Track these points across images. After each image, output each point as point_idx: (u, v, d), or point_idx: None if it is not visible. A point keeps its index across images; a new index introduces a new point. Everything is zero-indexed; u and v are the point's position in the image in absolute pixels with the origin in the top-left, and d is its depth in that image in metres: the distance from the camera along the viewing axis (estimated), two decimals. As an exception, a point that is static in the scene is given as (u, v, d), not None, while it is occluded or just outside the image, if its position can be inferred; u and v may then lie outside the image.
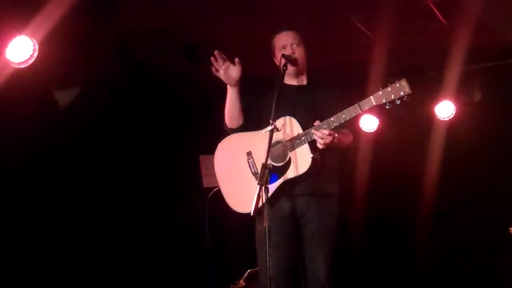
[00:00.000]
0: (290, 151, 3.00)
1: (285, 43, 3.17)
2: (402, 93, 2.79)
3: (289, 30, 3.22)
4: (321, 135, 2.88)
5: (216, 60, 3.05)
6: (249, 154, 3.18)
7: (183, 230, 5.09)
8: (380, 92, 2.82)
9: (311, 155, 2.95)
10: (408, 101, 2.81)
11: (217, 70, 3.06)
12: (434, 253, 5.26)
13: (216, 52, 3.05)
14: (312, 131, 2.92)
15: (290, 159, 3.00)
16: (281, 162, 3.02)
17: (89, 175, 4.60)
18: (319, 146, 2.92)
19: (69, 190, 4.45)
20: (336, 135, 2.93)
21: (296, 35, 3.20)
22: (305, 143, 2.96)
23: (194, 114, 5.31)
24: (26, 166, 4.12)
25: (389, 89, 2.81)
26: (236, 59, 3.07)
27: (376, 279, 5.46)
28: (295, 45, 3.16)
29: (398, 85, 2.79)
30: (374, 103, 2.84)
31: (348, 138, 3.12)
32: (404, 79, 2.80)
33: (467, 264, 5.10)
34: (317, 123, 2.92)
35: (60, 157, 4.37)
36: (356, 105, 2.87)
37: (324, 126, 2.90)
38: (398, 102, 2.81)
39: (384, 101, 2.82)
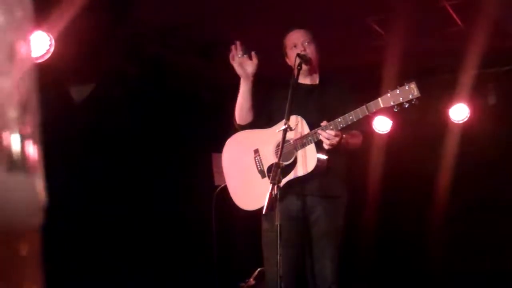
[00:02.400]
0: (297, 150, 2.99)
1: (296, 41, 3.16)
2: (411, 96, 2.74)
3: (300, 28, 3.20)
4: (328, 135, 2.85)
5: (236, 49, 3.06)
6: (256, 151, 3.18)
7: (195, 227, 5.10)
8: (389, 95, 2.78)
9: (317, 155, 2.94)
10: (417, 104, 2.76)
11: (233, 58, 3.07)
12: (446, 255, 5.22)
13: (238, 42, 3.07)
14: (319, 131, 2.89)
15: (296, 158, 3.00)
16: (288, 161, 3.00)
17: (102, 172, 4.62)
18: (326, 146, 2.89)
19: (81, 186, 4.47)
20: (343, 136, 2.91)
21: (306, 33, 3.18)
22: (311, 143, 2.94)
23: (207, 112, 5.32)
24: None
25: (397, 92, 2.76)
26: (253, 53, 3.08)
27: (385, 280, 5.44)
28: (307, 43, 3.14)
29: (407, 87, 2.75)
30: (382, 106, 2.80)
31: (356, 140, 3.08)
32: (413, 82, 2.75)
33: (479, 267, 5.06)
34: (324, 123, 2.89)
35: (73, 152, 4.40)
36: (364, 106, 2.83)
37: (331, 127, 2.87)
38: (407, 105, 2.76)
39: (392, 103, 2.77)
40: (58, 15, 3.33)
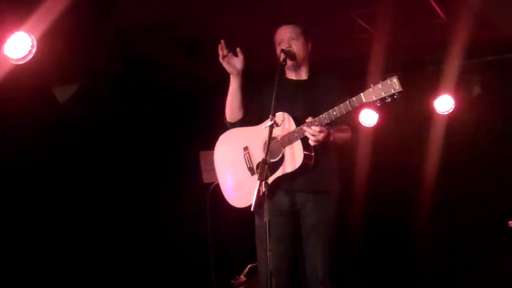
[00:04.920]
0: (284, 147, 3.00)
1: (283, 37, 3.16)
2: (392, 91, 2.72)
3: (287, 25, 3.19)
4: (313, 132, 2.86)
5: (221, 48, 3.07)
6: (245, 149, 3.19)
7: (183, 225, 5.10)
8: (371, 89, 2.77)
9: (303, 152, 2.94)
10: (399, 98, 2.74)
11: (222, 58, 3.08)
12: (433, 247, 5.27)
13: (222, 41, 3.07)
14: (304, 128, 2.89)
15: (284, 155, 3.00)
16: (275, 158, 3.01)
17: (89, 171, 4.60)
18: (311, 143, 2.89)
19: (69, 186, 4.45)
20: (331, 131, 2.91)
21: (294, 29, 3.17)
22: (298, 139, 2.95)
23: (194, 109, 5.30)
24: (25, 163, 4.12)
25: (379, 86, 2.75)
26: (238, 49, 3.09)
27: (376, 273, 5.47)
28: (292, 39, 3.14)
29: (389, 82, 2.73)
30: (364, 101, 2.79)
31: (345, 134, 3.08)
32: (395, 77, 2.73)
33: (466, 257, 5.11)
34: (309, 119, 2.89)
35: (59, 153, 4.37)
36: (347, 102, 2.83)
37: (316, 123, 2.87)
38: (389, 99, 2.75)
39: (374, 98, 2.76)
40: (40, 15, 3.29)
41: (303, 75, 3.24)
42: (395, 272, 5.38)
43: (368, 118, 5.30)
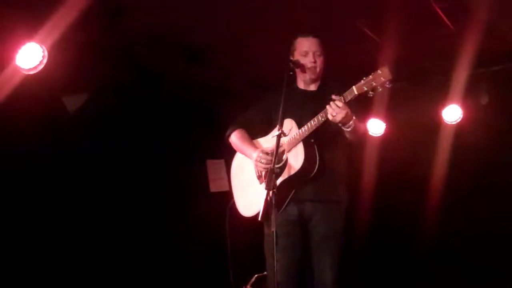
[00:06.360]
0: (287, 152, 3.04)
1: (308, 50, 3.17)
2: (382, 79, 2.75)
3: (314, 37, 3.20)
4: (334, 106, 2.84)
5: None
6: (256, 157, 3.21)
7: (190, 234, 5.10)
8: (362, 81, 2.81)
9: (304, 153, 2.97)
10: (390, 86, 2.79)
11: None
12: (441, 257, 5.24)
13: None
14: (328, 105, 2.87)
15: (287, 159, 3.04)
16: (280, 163, 3.05)
17: (98, 180, 4.62)
18: (329, 117, 2.86)
19: (78, 194, 4.47)
20: (354, 118, 2.88)
21: (319, 44, 3.19)
22: (299, 142, 3.00)
23: (201, 118, 5.32)
24: (36, 171, 4.15)
25: (370, 77, 2.79)
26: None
27: (383, 283, 5.45)
28: (318, 54, 3.17)
29: (379, 72, 2.77)
30: (356, 93, 2.82)
31: (363, 127, 3.08)
32: (386, 66, 2.78)
33: (473, 268, 5.08)
34: (334, 96, 2.87)
35: (69, 162, 4.40)
36: (340, 97, 2.86)
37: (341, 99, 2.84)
38: (380, 89, 2.78)
39: (365, 89, 2.79)
40: (51, 26, 3.35)
41: (315, 85, 3.28)
42: (403, 281, 5.35)
43: (375, 127, 5.29)
